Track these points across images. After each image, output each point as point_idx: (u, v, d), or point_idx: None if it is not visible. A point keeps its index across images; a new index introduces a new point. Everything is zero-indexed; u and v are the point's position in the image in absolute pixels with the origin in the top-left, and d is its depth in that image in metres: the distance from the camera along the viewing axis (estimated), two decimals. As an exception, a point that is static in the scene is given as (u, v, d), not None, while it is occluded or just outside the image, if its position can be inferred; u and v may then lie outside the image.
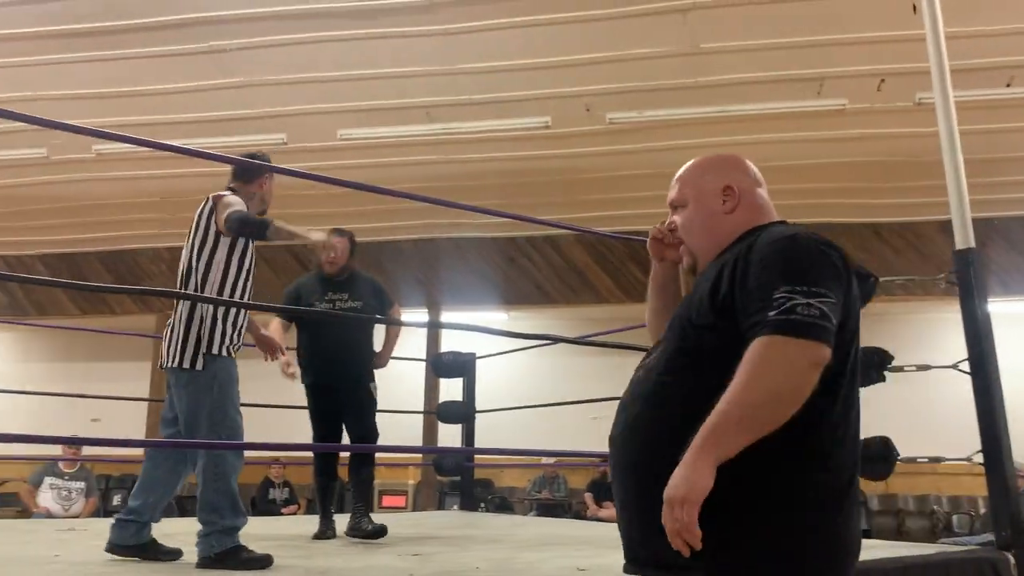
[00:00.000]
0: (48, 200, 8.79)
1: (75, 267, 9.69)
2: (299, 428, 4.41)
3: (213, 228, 3.10)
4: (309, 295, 4.19)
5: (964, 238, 3.54)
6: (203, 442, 2.97)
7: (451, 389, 6.25)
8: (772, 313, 1.27)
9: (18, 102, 6.47)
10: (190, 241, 3.14)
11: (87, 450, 7.75)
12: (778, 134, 7.36)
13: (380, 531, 3.84)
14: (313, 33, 6.40)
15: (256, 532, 3.05)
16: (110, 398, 6.20)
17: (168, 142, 3.26)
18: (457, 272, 9.50)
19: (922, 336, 8.72)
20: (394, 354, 4.39)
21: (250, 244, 3.20)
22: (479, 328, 3.57)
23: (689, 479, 1.23)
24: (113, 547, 3.04)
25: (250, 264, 3.21)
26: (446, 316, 9.46)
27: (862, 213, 8.56)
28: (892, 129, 7.19)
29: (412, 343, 4.38)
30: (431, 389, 8.66)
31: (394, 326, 4.43)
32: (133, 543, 3.05)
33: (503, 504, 9.35)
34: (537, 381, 8.94)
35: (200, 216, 3.15)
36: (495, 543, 3.87)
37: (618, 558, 1.47)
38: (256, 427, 4.12)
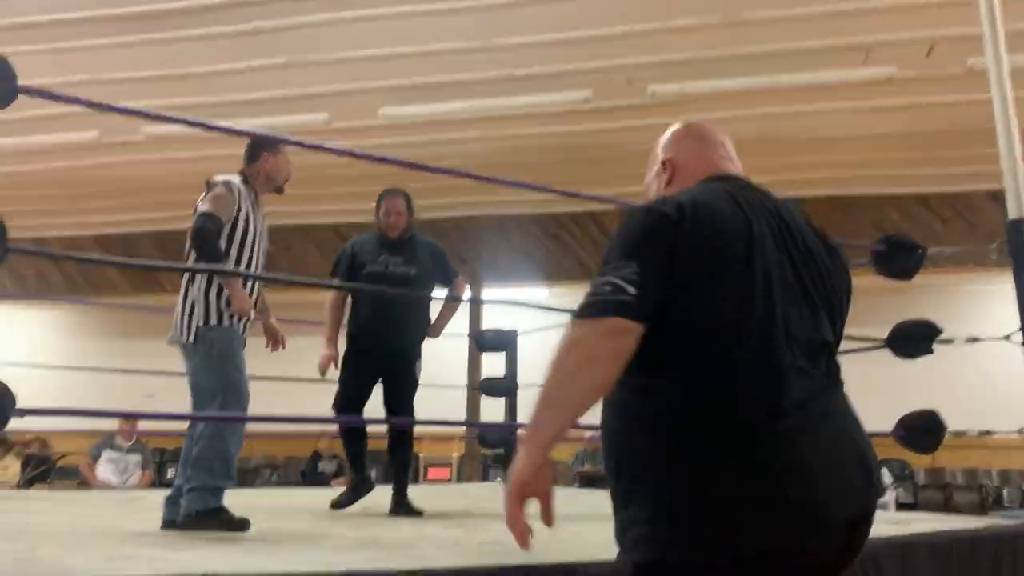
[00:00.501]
0: (100, 182, 8.99)
1: (127, 247, 9.92)
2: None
3: None
4: (364, 255, 4.04)
5: (1017, 207, 3.47)
6: (251, 416, 3.06)
7: (493, 364, 6.31)
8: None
9: (69, 86, 6.61)
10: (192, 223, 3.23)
11: (143, 424, 7.97)
12: (823, 104, 7.20)
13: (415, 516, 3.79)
14: (354, 11, 6.41)
15: (306, 504, 3.13)
16: (161, 373, 6.31)
17: (214, 123, 3.33)
18: (499, 249, 9.52)
19: (968, 308, 8.56)
20: (437, 330, 4.26)
21: (250, 228, 3.24)
22: (521, 303, 3.59)
23: (512, 470, 1.29)
24: (167, 524, 3.15)
25: (250, 249, 3.24)
26: (488, 293, 9.50)
27: (909, 183, 8.36)
28: (942, 97, 6.99)
29: (454, 319, 4.40)
30: (473, 364, 8.73)
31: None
32: None
33: (546, 477, 9.41)
34: (579, 356, 8.95)
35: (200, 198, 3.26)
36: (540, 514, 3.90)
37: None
38: (300, 401, 4.20)
